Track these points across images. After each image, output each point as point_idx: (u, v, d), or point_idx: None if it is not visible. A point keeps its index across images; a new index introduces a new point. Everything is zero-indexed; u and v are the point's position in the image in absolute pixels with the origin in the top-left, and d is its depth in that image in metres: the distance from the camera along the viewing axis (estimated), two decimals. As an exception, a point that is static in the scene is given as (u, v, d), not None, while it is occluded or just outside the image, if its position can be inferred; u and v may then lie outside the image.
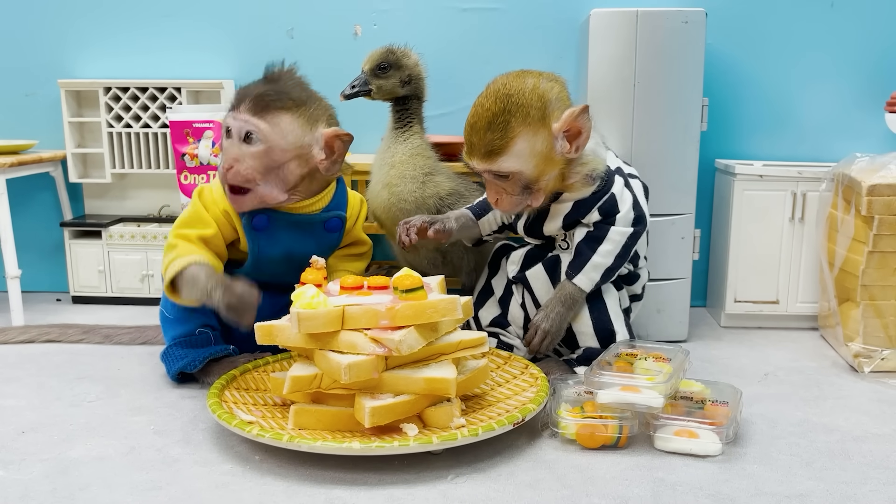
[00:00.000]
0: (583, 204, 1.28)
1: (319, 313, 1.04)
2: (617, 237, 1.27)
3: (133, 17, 1.85)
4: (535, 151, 1.19)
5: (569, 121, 1.18)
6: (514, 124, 1.17)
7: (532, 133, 1.18)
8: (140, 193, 1.92)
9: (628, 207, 1.27)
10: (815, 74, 1.76)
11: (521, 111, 1.17)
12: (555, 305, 1.29)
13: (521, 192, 1.22)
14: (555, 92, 1.20)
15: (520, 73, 1.22)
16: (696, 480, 1.00)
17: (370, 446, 0.98)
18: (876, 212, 1.39)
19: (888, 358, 1.40)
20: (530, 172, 1.20)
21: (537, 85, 1.19)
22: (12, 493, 0.96)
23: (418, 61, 1.50)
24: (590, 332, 1.31)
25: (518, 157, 1.18)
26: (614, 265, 1.28)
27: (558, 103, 1.20)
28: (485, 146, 1.19)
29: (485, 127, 1.18)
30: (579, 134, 1.20)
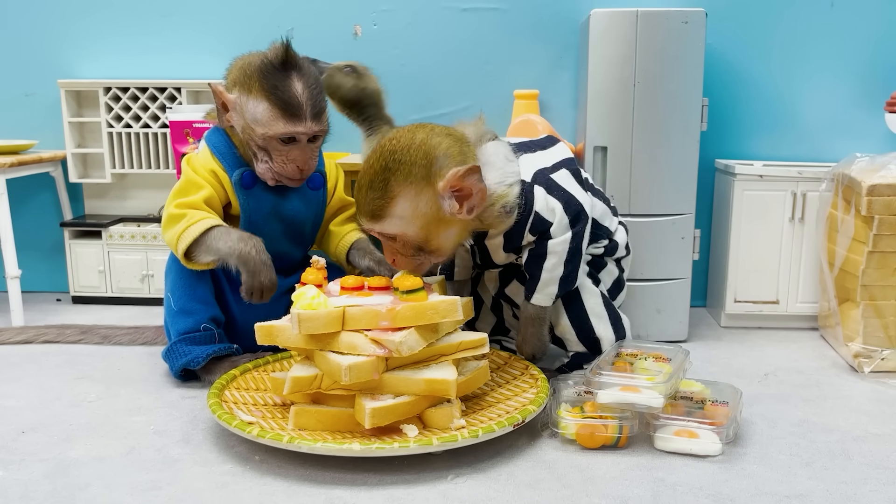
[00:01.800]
0: (511, 233, 1.22)
1: (320, 314, 1.04)
2: (558, 248, 1.21)
3: (133, 17, 1.85)
4: (420, 213, 1.10)
5: (452, 180, 1.09)
6: (394, 183, 1.09)
7: (414, 193, 1.09)
8: (140, 193, 1.92)
9: (559, 216, 1.20)
10: (815, 74, 1.76)
11: (403, 169, 1.09)
12: (526, 328, 1.28)
13: (415, 252, 1.15)
14: (443, 148, 1.11)
15: (415, 126, 1.14)
16: (696, 480, 1.00)
17: (370, 447, 0.98)
18: (876, 212, 1.39)
19: (888, 358, 1.40)
20: (416, 234, 1.12)
21: (425, 140, 1.10)
22: (12, 493, 0.96)
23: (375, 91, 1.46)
24: (574, 340, 1.31)
25: (401, 218, 1.10)
26: (567, 271, 1.23)
27: (446, 160, 1.10)
28: (367, 206, 1.11)
29: (367, 186, 1.11)
30: (470, 195, 1.11)
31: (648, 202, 1.54)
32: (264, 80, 1.26)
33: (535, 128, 1.64)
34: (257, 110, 1.27)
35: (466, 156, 1.14)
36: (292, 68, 1.27)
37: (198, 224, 1.26)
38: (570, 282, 1.25)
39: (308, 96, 1.26)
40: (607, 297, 1.32)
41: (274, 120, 1.26)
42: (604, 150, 1.53)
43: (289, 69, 1.26)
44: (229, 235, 1.26)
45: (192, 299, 1.35)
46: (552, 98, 1.80)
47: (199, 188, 1.31)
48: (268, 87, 1.25)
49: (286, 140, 1.27)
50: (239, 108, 1.29)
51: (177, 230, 1.27)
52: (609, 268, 1.36)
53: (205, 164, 1.34)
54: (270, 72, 1.26)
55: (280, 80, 1.25)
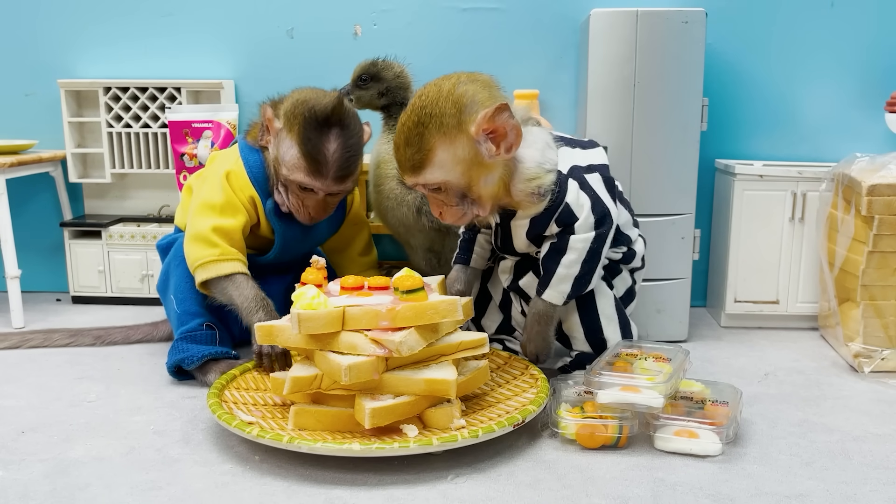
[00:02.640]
0: (538, 219, 1.23)
1: (320, 314, 1.04)
2: (579, 245, 1.22)
3: (133, 17, 1.85)
4: (459, 159, 1.14)
5: (483, 123, 1.12)
6: (428, 135, 1.13)
7: (449, 141, 1.13)
8: (140, 193, 1.92)
9: (587, 213, 1.21)
10: (815, 74, 1.75)
11: (435, 121, 1.12)
12: (532, 325, 1.28)
13: (459, 202, 1.18)
14: (469, 94, 1.13)
15: (441, 79, 1.17)
16: (696, 480, 1.00)
17: (370, 447, 0.98)
18: (876, 212, 1.39)
19: (888, 358, 1.40)
20: (458, 181, 1.15)
21: (452, 90, 1.13)
22: (12, 493, 0.96)
23: (401, 73, 1.52)
24: (581, 338, 1.31)
25: (441, 167, 1.14)
26: (583, 272, 1.23)
27: (475, 106, 1.13)
28: (407, 161, 1.15)
29: (403, 143, 1.15)
30: (505, 134, 1.14)
31: (648, 202, 1.54)
32: (303, 127, 1.27)
33: (535, 128, 1.63)
34: (288, 152, 1.29)
35: (495, 98, 1.16)
36: (335, 125, 1.28)
37: (227, 264, 1.30)
38: (584, 284, 1.25)
39: (338, 157, 1.28)
40: (619, 302, 1.32)
41: (297, 168, 1.29)
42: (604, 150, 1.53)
43: (331, 125, 1.28)
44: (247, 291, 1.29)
45: (196, 303, 1.37)
46: (552, 98, 1.80)
47: (238, 212, 1.34)
48: (303, 137, 1.27)
49: (305, 188, 1.31)
50: (276, 140, 1.32)
51: (204, 257, 1.29)
52: (623, 275, 1.36)
53: (244, 187, 1.35)
54: (312, 122, 1.27)
55: (316, 135, 1.27)
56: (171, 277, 1.39)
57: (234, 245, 1.32)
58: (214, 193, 1.34)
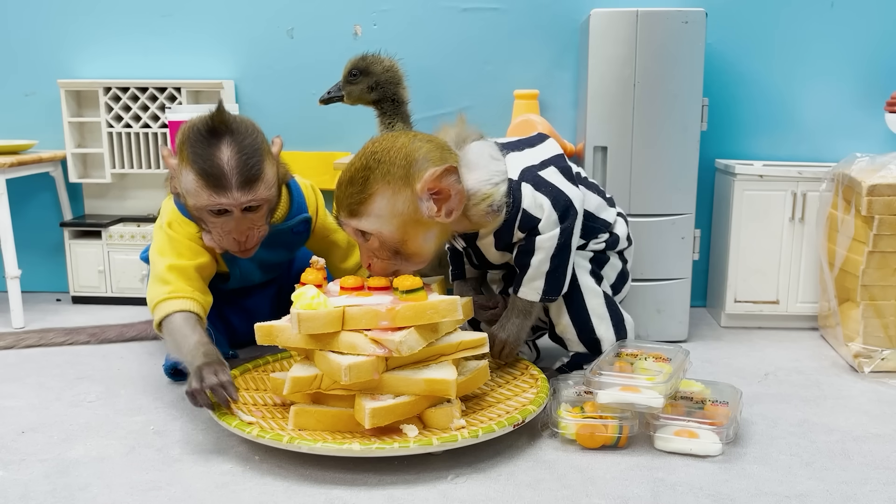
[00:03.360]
0: (502, 232, 1.23)
1: (320, 314, 1.04)
2: (546, 244, 1.21)
3: (133, 17, 1.85)
4: (397, 212, 1.12)
5: (429, 181, 1.11)
6: (373, 180, 1.11)
7: (392, 192, 1.11)
8: (140, 193, 1.92)
9: (548, 212, 1.20)
10: (815, 74, 1.75)
11: (382, 168, 1.11)
12: (510, 316, 1.27)
13: (391, 255, 1.15)
14: (423, 152, 1.13)
15: (398, 132, 1.18)
16: (696, 480, 1.00)
17: (370, 447, 0.98)
18: (876, 212, 1.39)
19: (888, 358, 1.40)
20: (392, 235, 1.13)
21: (407, 143, 1.13)
22: (12, 493, 0.96)
23: (391, 66, 1.52)
24: (575, 340, 1.30)
25: (378, 216, 1.12)
26: (553, 266, 1.22)
27: (425, 163, 1.12)
28: (345, 200, 1.13)
29: (347, 181, 1.13)
30: (449, 197, 1.12)
31: (648, 202, 1.54)
32: (190, 148, 1.18)
33: (534, 128, 1.63)
34: (187, 180, 1.19)
35: (447, 160, 1.15)
36: (222, 133, 1.18)
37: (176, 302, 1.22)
38: (559, 277, 1.24)
39: (235, 163, 1.17)
40: (611, 298, 1.32)
41: (198, 191, 1.18)
42: (604, 150, 1.53)
43: (218, 135, 1.17)
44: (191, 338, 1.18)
45: None
46: (552, 98, 1.80)
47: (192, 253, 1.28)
48: (192, 156, 1.17)
49: (217, 212, 1.20)
50: (179, 177, 1.22)
51: (157, 296, 1.23)
52: (612, 261, 1.35)
53: (191, 233, 1.29)
54: (197, 139, 1.17)
55: (204, 148, 1.17)
56: None
57: (191, 282, 1.26)
58: (163, 242, 1.29)
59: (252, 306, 1.48)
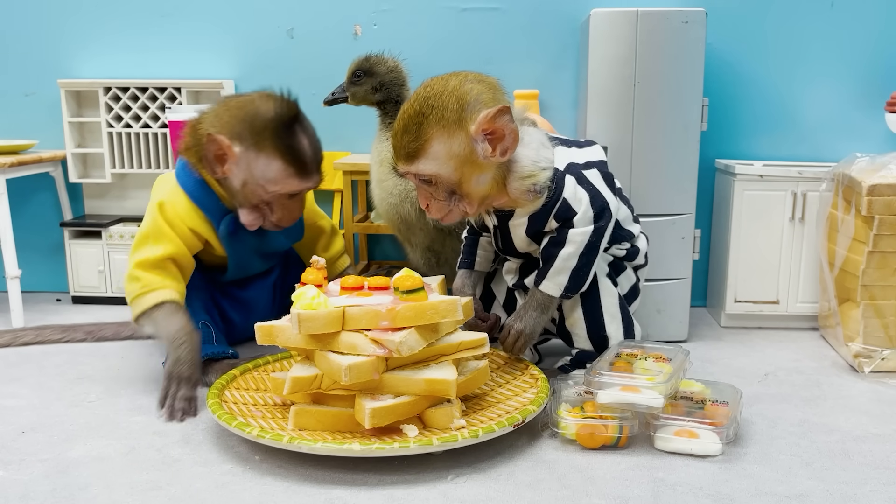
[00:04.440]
0: (537, 217, 1.24)
1: (320, 314, 1.04)
2: (578, 238, 1.22)
3: (133, 17, 1.85)
4: (453, 154, 1.14)
5: (483, 123, 1.12)
6: (427, 126, 1.13)
7: (447, 135, 1.13)
8: (140, 193, 1.92)
9: (585, 207, 1.22)
10: (815, 74, 1.75)
11: (436, 113, 1.13)
12: (528, 308, 1.27)
13: (447, 197, 1.18)
14: (474, 93, 1.14)
15: (448, 74, 1.18)
16: (696, 480, 1.00)
17: (370, 447, 0.98)
18: (876, 212, 1.39)
19: (888, 358, 1.40)
20: (450, 175, 1.15)
21: (458, 86, 1.14)
22: (12, 493, 0.96)
23: (395, 67, 1.52)
24: (583, 335, 1.30)
25: (435, 159, 1.14)
26: (580, 264, 1.23)
27: (478, 105, 1.14)
28: (402, 148, 1.16)
29: (402, 129, 1.15)
30: (503, 137, 1.14)
31: (648, 202, 1.54)
32: (276, 138, 1.25)
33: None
34: (270, 169, 1.26)
35: (498, 100, 1.16)
36: (297, 122, 1.28)
37: (149, 296, 1.27)
38: (582, 277, 1.24)
39: (313, 151, 1.29)
40: (623, 300, 1.32)
41: (288, 178, 1.27)
42: (604, 150, 1.53)
43: (295, 123, 1.27)
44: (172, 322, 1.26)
45: (196, 299, 1.38)
46: (552, 98, 1.80)
47: (166, 240, 1.30)
48: (283, 147, 1.25)
49: (293, 195, 1.30)
50: (244, 164, 1.26)
51: (130, 293, 1.29)
52: (628, 273, 1.36)
53: (184, 217, 1.32)
54: (281, 129, 1.25)
55: (290, 138, 1.26)
56: None
57: (163, 273, 1.29)
58: (146, 224, 1.32)
59: (250, 298, 1.49)
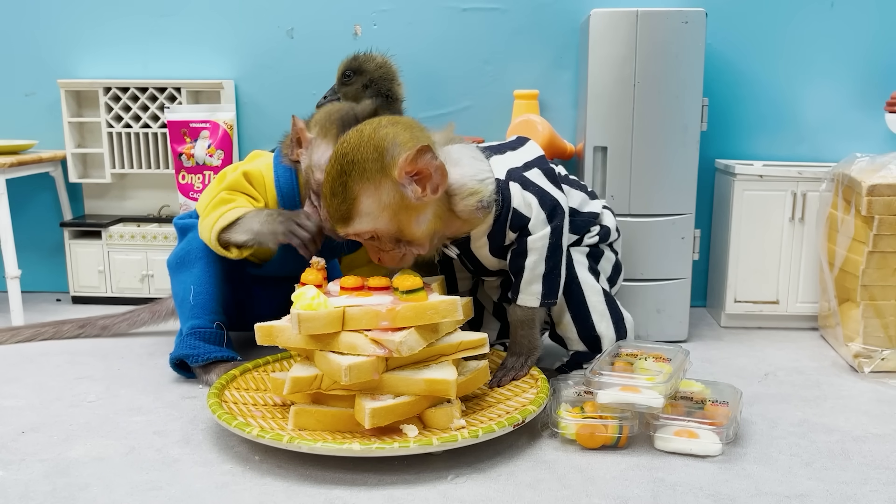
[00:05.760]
0: (494, 233, 1.23)
1: (320, 314, 1.04)
2: (538, 244, 1.21)
3: (133, 17, 1.85)
4: (384, 205, 1.11)
5: (405, 166, 1.09)
6: (352, 184, 1.10)
7: (374, 188, 1.10)
8: (140, 193, 1.92)
9: (536, 211, 1.21)
10: (815, 74, 1.76)
11: (357, 168, 1.09)
12: (516, 331, 1.27)
13: (395, 245, 1.15)
14: (390, 137, 1.11)
15: (362, 124, 1.15)
16: (696, 480, 1.00)
17: (370, 447, 0.98)
18: (876, 212, 1.39)
19: (888, 358, 1.40)
20: (388, 227, 1.12)
21: (373, 134, 1.11)
22: (12, 493, 0.96)
23: (383, 63, 1.51)
24: (575, 338, 1.31)
25: (368, 215, 1.11)
26: (549, 268, 1.22)
27: (396, 148, 1.10)
28: (335, 213, 1.12)
29: (329, 193, 1.12)
30: (430, 175, 1.10)
31: (648, 202, 1.54)
32: (340, 129, 1.24)
33: (535, 128, 1.64)
34: (324, 155, 1.25)
35: (417, 139, 1.13)
36: None
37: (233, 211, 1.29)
38: (555, 279, 1.24)
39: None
40: (610, 295, 1.32)
41: None
42: (604, 150, 1.53)
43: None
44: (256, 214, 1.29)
45: (213, 300, 1.36)
46: (552, 98, 1.80)
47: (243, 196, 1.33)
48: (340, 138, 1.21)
49: None
50: (310, 149, 1.28)
51: (220, 210, 1.29)
52: (607, 254, 1.36)
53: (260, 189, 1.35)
54: (349, 123, 1.24)
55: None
56: (193, 265, 1.39)
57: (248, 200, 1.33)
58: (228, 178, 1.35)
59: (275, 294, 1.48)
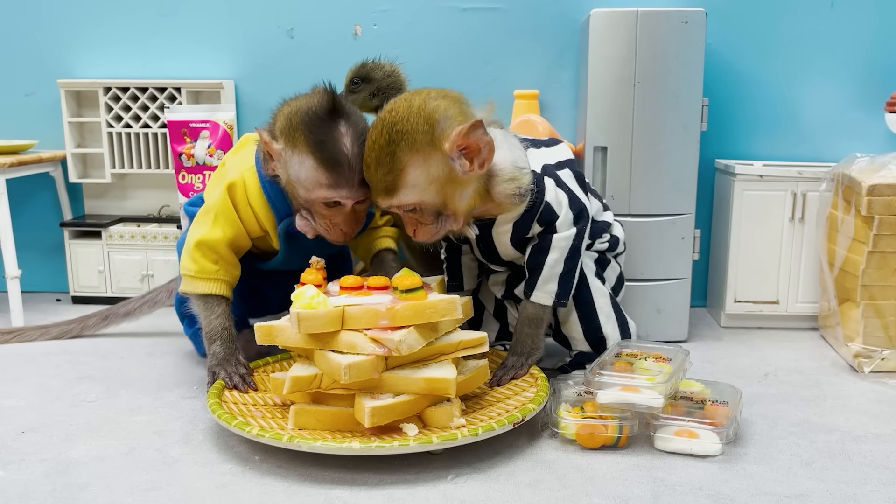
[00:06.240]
0: (521, 222, 1.22)
1: (319, 313, 1.04)
2: (561, 243, 1.22)
3: (133, 17, 1.85)
4: (433, 177, 1.09)
5: (458, 140, 1.08)
6: (401, 154, 1.07)
7: (423, 159, 1.08)
8: (140, 193, 1.92)
9: (566, 209, 1.21)
10: (815, 74, 1.75)
11: (407, 139, 1.07)
12: (522, 328, 1.27)
13: (435, 219, 1.14)
14: (441, 110, 1.09)
15: (410, 94, 1.13)
16: (696, 480, 1.00)
17: (370, 446, 0.98)
18: (876, 212, 1.39)
19: (888, 358, 1.40)
20: (434, 200, 1.11)
21: (423, 105, 1.09)
22: (12, 493, 0.96)
23: (392, 72, 1.49)
24: (580, 339, 1.31)
25: (415, 187, 1.09)
26: (567, 269, 1.23)
27: (448, 121, 1.09)
28: (379, 183, 1.10)
29: (374, 162, 1.09)
30: (479, 150, 1.10)
31: (648, 202, 1.54)
32: (308, 134, 1.13)
33: (535, 128, 1.64)
34: (301, 169, 1.15)
35: (466, 114, 1.13)
36: (340, 118, 1.14)
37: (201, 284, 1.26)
38: (569, 281, 1.25)
39: (358, 153, 1.13)
40: (614, 298, 1.33)
41: (317, 183, 1.14)
42: (604, 150, 1.53)
43: (337, 119, 1.14)
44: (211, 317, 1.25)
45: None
46: (552, 98, 1.80)
47: (228, 224, 1.26)
48: (312, 145, 1.13)
49: (331, 204, 1.17)
50: (283, 162, 1.17)
51: (184, 268, 1.27)
52: (612, 265, 1.37)
53: (253, 203, 1.26)
54: (315, 125, 1.13)
55: (325, 135, 1.13)
56: None
57: (218, 259, 1.26)
58: (212, 200, 1.28)
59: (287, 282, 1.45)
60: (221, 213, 1.26)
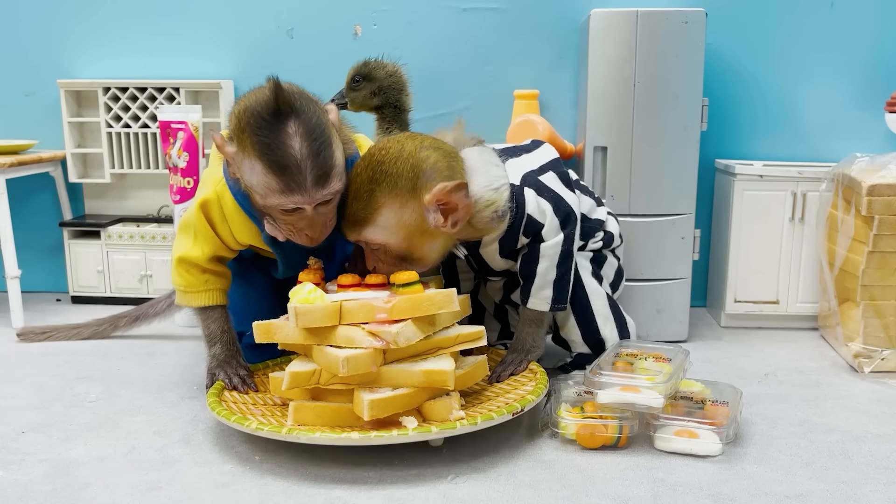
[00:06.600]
0: (507, 238, 1.22)
1: (317, 308, 1.04)
2: (550, 251, 1.22)
3: (132, 17, 1.85)
4: (404, 223, 1.10)
5: (439, 195, 1.09)
6: (379, 194, 1.08)
7: (399, 204, 1.09)
8: (139, 193, 1.92)
9: (550, 217, 1.21)
10: (815, 74, 1.75)
11: (389, 180, 1.08)
12: (524, 327, 1.27)
13: (397, 263, 1.14)
14: (430, 161, 1.10)
15: (405, 137, 1.14)
16: (696, 480, 1.00)
17: (369, 436, 0.98)
18: (876, 212, 1.39)
19: (888, 358, 1.40)
20: (399, 244, 1.11)
21: (413, 153, 1.10)
22: (12, 493, 0.96)
23: (394, 72, 1.49)
24: (579, 341, 1.31)
25: (385, 228, 1.10)
26: (560, 275, 1.23)
27: (433, 174, 1.10)
28: (351, 215, 1.11)
29: (353, 196, 1.10)
30: (456, 209, 1.11)
31: (648, 202, 1.54)
32: (254, 136, 1.02)
33: (535, 128, 1.64)
34: (252, 174, 1.05)
35: (455, 171, 1.14)
36: (287, 115, 1.02)
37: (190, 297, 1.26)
38: (565, 285, 1.25)
39: (308, 152, 1.02)
40: (612, 299, 1.33)
41: (269, 189, 1.05)
42: (604, 150, 1.53)
43: (283, 117, 1.02)
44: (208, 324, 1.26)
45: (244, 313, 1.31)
46: (552, 98, 1.80)
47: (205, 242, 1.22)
48: (259, 147, 1.02)
49: (289, 210, 1.07)
50: (237, 167, 1.09)
51: (174, 283, 1.27)
52: (610, 260, 1.37)
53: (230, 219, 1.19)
54: (260, 125, 1.02)
55: (271, 136, 1.02)
56: None
57: (203, 271, 1.24)
58: (186, 222, 1.23)
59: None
60: (199, 233, 1.22)
